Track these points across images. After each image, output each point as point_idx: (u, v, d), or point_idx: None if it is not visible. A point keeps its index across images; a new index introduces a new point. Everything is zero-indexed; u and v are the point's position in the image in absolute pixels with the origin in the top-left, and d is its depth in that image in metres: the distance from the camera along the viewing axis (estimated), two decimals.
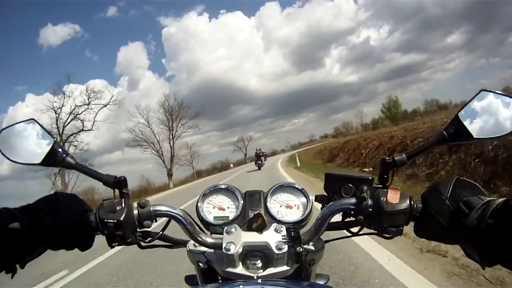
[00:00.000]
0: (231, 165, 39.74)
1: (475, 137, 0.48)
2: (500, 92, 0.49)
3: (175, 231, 0.59)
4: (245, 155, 58.49)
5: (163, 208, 0.53)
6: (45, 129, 0.52)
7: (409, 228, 0.49)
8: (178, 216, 0.54)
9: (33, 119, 0.53)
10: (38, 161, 0.51)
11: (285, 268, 0.51)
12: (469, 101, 0.49)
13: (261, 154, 17.58)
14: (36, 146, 0.51)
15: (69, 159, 0.52)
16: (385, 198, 0.47)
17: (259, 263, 0.51)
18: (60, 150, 0.51)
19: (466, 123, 0.48)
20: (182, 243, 0.61)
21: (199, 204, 0.61)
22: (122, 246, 0.50)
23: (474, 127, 0.48)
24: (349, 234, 0.56)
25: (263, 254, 0.51)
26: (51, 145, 0.51)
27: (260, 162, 17.26)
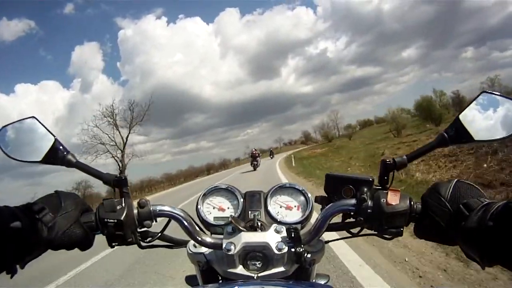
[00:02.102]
0: None
1: (475, 139, 0.48)
2: (501, 94, 0.49)
3: (175, 231, 0.59)
4: (121, 169, 21.61)
5: (163, 208, 0.53)
6: (45, 127, 0.52)
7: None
8: (179, 216, 0.53)
9: (33, 116, 0.52)
10: (39, 159, 0.51)
11: (285, 268, 0.51)
12: (470, 103, 0.50)
13: (257, 154, 17.80)
14: (37, 144, 0.51)
15: (70, 157, 0.51)
16: (385, 200, 0.47)
17: (259, 264, 0.51)
18: (61, 148, 0.51)
19: (466, 125, 0.48)
20: (182, 243, 0.61)
21: (199, 204, 0.61)
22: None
23: (475, 129, 0.48)
24: (349, 235, 0.56)
25: (263, 254, 0.51)
26: (52, 143, 0.51)
27: (256, 162, 17.45)
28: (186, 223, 0.53)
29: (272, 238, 0.51)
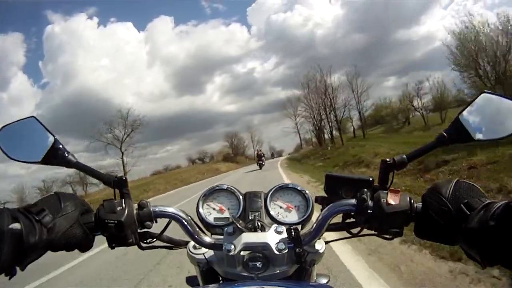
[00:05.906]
0: None
1: (475, 139, 0.48)
2: (501, 95, 0.49)
3: (176, 232, 0.59)
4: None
5: (163, 209, 0.53)
6: (45, 127, 0.52)
7: None
8: (179, 217, 0.53)
9: (33, 116, 0.52)
10: (39, 159, 0.50)
11: (285, 268, 0.51)
12: (470, 103, 0.50)
13: (262, 154, 18.96)
14: (36, 144, 0.51)
15: (70, 157, 0.51)
16: (385, 200, 0.47)
17: (259, 264, 0.50)
18: (61, 148, 0.51)
19: (466, 124, 0.48)
20: (182, 244, 0.60)
21: (199, 205, 0.61)
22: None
23: (475, 129, 0.48)
24: (349, 235, 0.56)
25: (263, 255, 0.51)
26: (52, 143, 0.51)
27: (261, 162, 18.36)
28: (186, 224, 0.53)
29: (273, 238, 0.51)
